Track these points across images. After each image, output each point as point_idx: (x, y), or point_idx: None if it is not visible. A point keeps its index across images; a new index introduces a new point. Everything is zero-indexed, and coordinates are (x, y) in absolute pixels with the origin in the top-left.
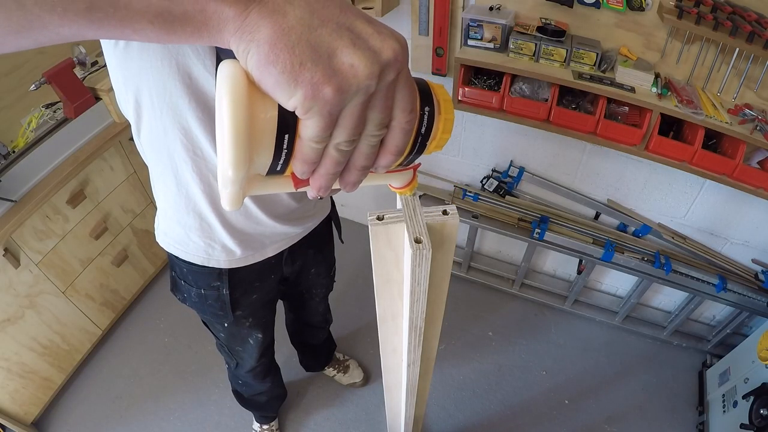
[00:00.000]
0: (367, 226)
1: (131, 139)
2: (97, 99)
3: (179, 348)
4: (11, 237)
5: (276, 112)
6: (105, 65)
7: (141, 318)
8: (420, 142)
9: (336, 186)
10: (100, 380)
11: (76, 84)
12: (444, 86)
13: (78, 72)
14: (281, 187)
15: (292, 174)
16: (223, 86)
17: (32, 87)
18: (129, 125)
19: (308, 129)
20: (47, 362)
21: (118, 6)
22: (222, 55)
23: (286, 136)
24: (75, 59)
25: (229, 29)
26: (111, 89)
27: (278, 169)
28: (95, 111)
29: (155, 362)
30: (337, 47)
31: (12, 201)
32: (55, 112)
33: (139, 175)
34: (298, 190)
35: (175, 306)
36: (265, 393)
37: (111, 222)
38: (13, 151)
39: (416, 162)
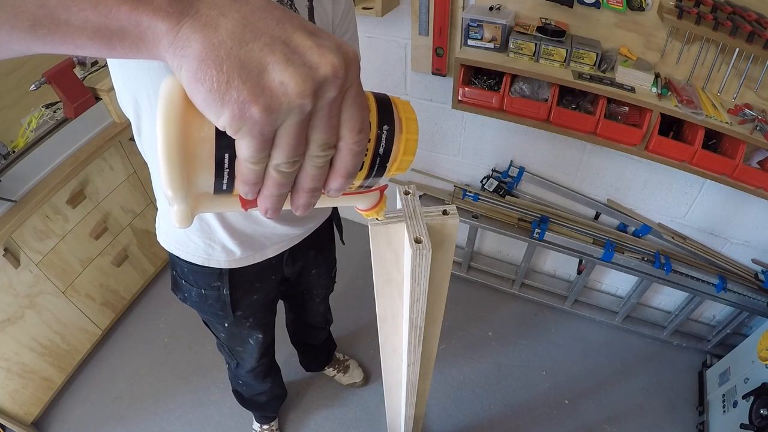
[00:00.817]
0: (367, 226)
1: (131, 139)
2: (97, 99)
3: (179, 348)
4: (11, 237)
5: (213, 131)
6: (105, 65)
7: (141, 318)
8: (379, 163)
9: (287, 207)
10: (100, 380)
11: (76, 84)
12: (410, 103)
13: (78, 72)
14: (233, 206)
15: (240, 194)
16: (159, 104)
17: (32, 87)
18: (129, 125)
19: (242, 149)
20: (47, 362)
21: (59, 23)
22: None
23: (226, 155)
24: (75, 59)
25: (164, 44)
26: (111, 89)
27: (224, 188)
28: (95, 111)
29: (155, 362)
30: (269, 63)
31: (12, 201)
32: (55, 112)
33: (139, 175)
34: (248, 210)
35: (175, 306)
36: (265, 393)
37: (111, 222)
38: (13, 151)
39: (382, 183)
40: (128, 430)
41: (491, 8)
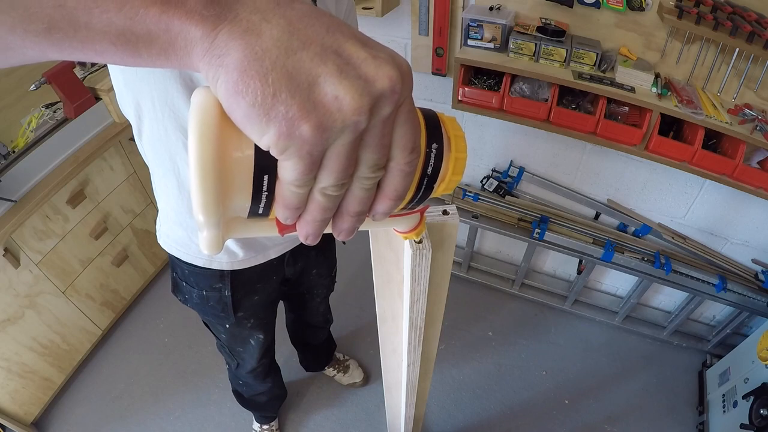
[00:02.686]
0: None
1: (131, 139)
2: (97, 99)
3: (179, 348)
4: (11, 237)
5: (252, 150)
6: (105, 65)
7: (141, 318)
8: (426, 184)
9: (328, 231)
10: (100, 380)
11: (76, 84)
12: (456, 119)
13: (78, 72)
14: (267, 231)
15: (276, 218)
16: (192, 119)
17: (32, 87)
18: (129, 125)
19: (287, 171)
20: (47, 362)
21: (78, 26)
22: None
23: (266, 177)
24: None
25: (197, 52)
26: (111, 89)
27: (260, 212)
28: (95, 111)
29: (155, 362)
30: (320, 75)
31: (12, 201)
32: (55, 112)
33: (139, 175)
34: (285, 235)
35: (175, 306)
36: (265, 393)
37: (111, 222)
38: (13, 151)
39: (423, 205)
40: (128, 430)
41: (491, 8)
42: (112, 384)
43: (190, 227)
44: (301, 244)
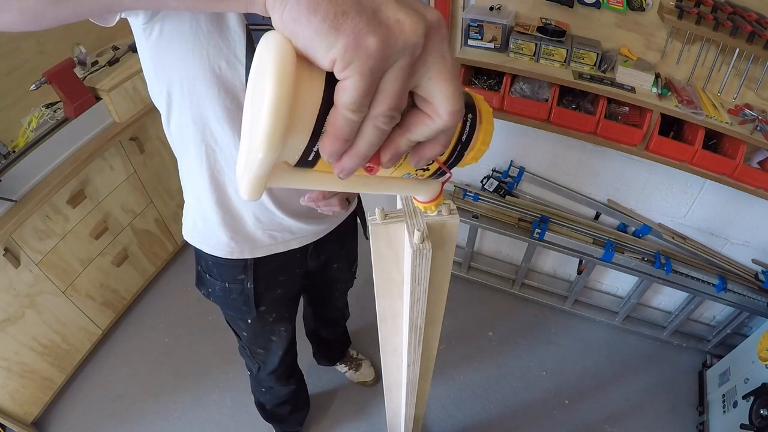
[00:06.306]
0: (368, 226)
1: (132, 139)
2: (98, 99)
3: (179, 348)
4: (11, 237)
5: (322, 87)
6: (105, 65)
7: (141, 318)
8: (459, 150)
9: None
10: (100, 380)
11: (76, 84)
12: (484, 98)
13: (78, 72)
14: (304, 183)
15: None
16: (268, 56)
17: (32, 87)
18: (129, 125)
19: (346, 92)
20: (47, 362)
21: None
22: (256, 44)
23: (328, 115)
24: (75, 59)
25: None
26: (111, 89)
27: (310, 158)
28: (95, 111)
29: (155, 362)
30: (382, 3)
31: (12, 201)
32: (55, 111)
33: (139, 175)
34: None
35: (175, 306)
36: (289, 402)
37: (111, 222)
38: (13, 151)
39: (447, 175)
40: (128, 430)
41: (491, 8)
42: (112, 384)
43: (212, 220)
44: (325, 236)
